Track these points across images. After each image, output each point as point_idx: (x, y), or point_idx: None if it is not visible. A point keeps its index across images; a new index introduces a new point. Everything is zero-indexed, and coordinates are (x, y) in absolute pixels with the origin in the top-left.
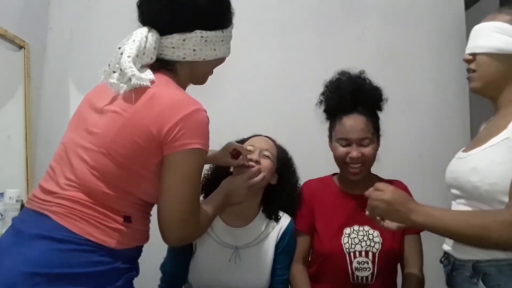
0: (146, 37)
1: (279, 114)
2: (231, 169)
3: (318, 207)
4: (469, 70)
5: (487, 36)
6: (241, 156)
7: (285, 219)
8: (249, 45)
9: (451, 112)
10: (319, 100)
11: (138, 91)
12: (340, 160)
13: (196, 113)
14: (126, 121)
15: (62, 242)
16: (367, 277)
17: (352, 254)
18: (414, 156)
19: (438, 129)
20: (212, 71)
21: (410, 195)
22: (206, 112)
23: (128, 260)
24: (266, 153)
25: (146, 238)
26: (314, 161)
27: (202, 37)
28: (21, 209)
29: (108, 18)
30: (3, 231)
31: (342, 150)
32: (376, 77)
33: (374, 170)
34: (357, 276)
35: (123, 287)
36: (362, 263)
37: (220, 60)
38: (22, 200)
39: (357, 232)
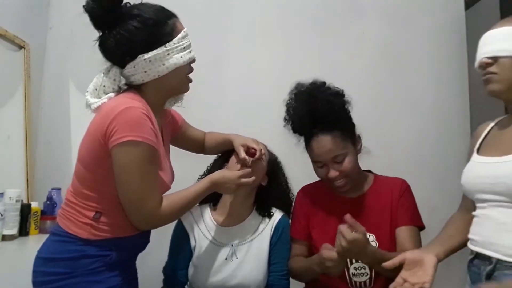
0: (105, 74)
1: (279, 114)
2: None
3: (313, 212)
4: (487, 73)
5: (508, 40)
6: (249, 158)
7: (277, 215)
8: (249, 45)
9: (451, 112)
10: (285, 121)
11: (98, 108)
12: (323, 180)
13: (126, 111)
14: (86, 131)
15: (55, 235)
16: (365, 282)
17: (348, 260)
18: (414, 156)
19: (438, 129)
20: (189, 78)
21: (411, 191)
22: (141, 109)
23: (103, 248)
24: (264, 155)
25: (124, 230)
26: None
27: (145, 59)
28: (21, 209)
29: None
30: (3, 231)
31: (320, 171)
32: (376, 77)
33: (375, 169)
34: (355, 282)
35: (96, 270)
36: (359, 268)
37: (183, 68)
38: (22, 200)
39: None
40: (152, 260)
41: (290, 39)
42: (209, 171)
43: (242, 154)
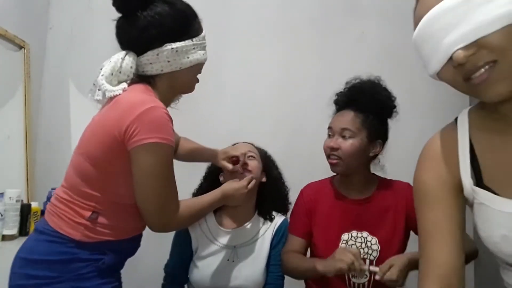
0: (123, 58)
1: (279, 114)
2: (221, 179)
3: (317, 211)
4: (475, 68)
5: (490, 3)
6: (238, 167)
7: (279, 218)
8: (249, 45)
9: (451, 112)
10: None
11: (110, 99)
12: (325, 152)
13: (151, 110)
14: (96, 123)
15: (42, 234)
16: (363, 284)
17: None
18: (414, 156)
19: (438, 129)
20: (197, 79)
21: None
22: (164, 109)
23: (96, 251)
24: (250, 153)
25: (120, 233)
26: (313, 160)
27: (172, 48)
28: (21, 209)
29: (108, 18)
30: (3, 231)
31: (326, 141)
32: None
33: (375, 169)
34: (354, 283)
35: (86, 276)
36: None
37: (198, 66)
38: (22, 200)
39: (355, 239)
40: (152, 260)
41: (290, 39)
42: (201, 185)
43: (230, 166)
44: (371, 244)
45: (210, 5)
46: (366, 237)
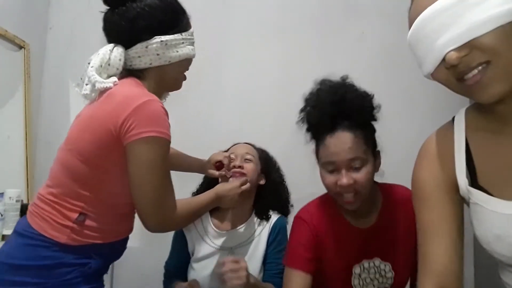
0: (111, 51)
1: (279, 114)
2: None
3: (325, 243)
4: (468, 69)
5: (482, 4)
6: (224, 171)
7: (274, 216)
8: (249, 45)
9: (451, 113)
10: (299, 118)
11: (100, 93)
12: (331, 191)
13: (147, 104)
14: (88, 118)
15: (24, 237)
16: None
17: None
18: (414, 156)
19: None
20: (185, 76)
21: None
22: (160, 102)
23: (82, 255)
24: (248, 156)
25: (108, 235)
26: (313, 160)
27: (162, 41)
28: (21, 209)
29: None
30: (3, 231)
31: (330, 179)
32: (376, 78)
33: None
34: None
35: (72, 281)
36: None
37: (187, 62)
38: (22, 200)
39: (368, 270)
40: (152, 260)
41: (290, 38)
42: (201, 184)
43: (216, 174)
44: (385, 272)
45: (210, 5)
46: (379, 265)
